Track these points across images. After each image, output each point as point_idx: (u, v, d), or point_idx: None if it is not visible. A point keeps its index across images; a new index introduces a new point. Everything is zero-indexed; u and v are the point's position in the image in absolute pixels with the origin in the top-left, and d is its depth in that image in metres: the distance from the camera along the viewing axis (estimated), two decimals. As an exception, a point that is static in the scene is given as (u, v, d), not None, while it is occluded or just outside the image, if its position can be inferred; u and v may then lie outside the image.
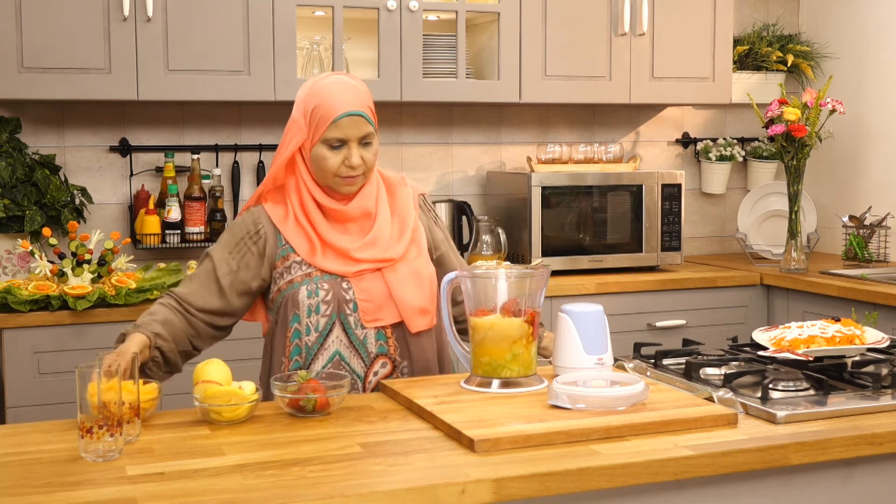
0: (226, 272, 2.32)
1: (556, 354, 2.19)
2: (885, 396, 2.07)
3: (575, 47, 4.10)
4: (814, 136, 4.07)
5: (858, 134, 4.58)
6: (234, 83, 3.67)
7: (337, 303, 2.31)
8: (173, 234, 3.83)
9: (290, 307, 2.32)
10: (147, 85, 3.58)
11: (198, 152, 3.91)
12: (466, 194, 4.35)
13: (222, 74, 3.66)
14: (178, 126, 3.99)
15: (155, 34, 3.57)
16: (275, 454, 1.75)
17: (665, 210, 4.14)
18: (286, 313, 2.33)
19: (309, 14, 3.94)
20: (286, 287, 2.33)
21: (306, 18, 3.95)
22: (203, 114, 4.01)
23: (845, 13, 4.66)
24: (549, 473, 1.66)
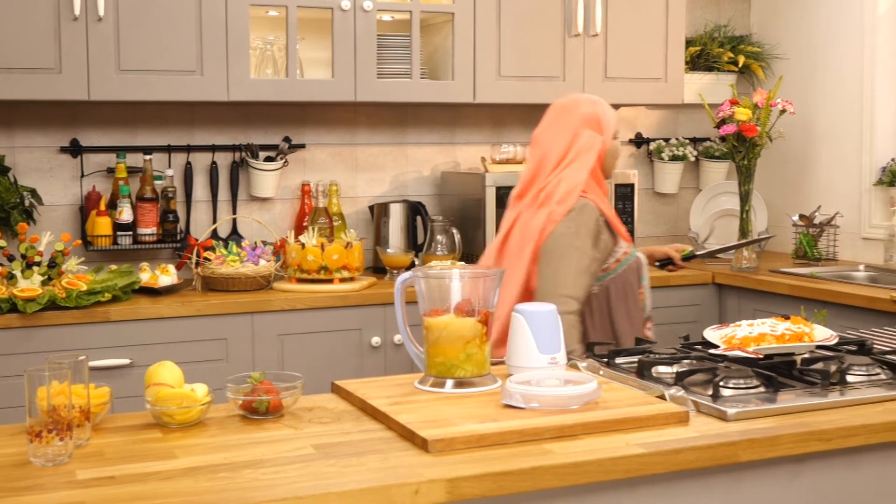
0: (592, 260, 2.77)
1: (508, 354, 2.19)
2: (833, 393, 2.10)
3: (529, 48, 4.11)
4: (764, 136, 4.11)
5: (808, 134, 4.64)
6: (186, 83, 3.65)
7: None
8: (125, 236, 3.80)
9: (636, 271, 2.85)
10: (98, 85, 3.54)
11: (150, 153, 3.88)
12: (421, 194, 4.35)
13: (175, 74, 3.63)
14: (130, 126, 3.96)
15: (106, 34, 3.53)
16: (227, 457, 1.74)
17: (619, 209, 4.16)
18: (629, 277, 2.83)
19: (262, 14, 3.92)
20: (624, 258, 2.84)
21: (260, 18, 3.93)
22: (155, 114, 3.98)
23: (795, 15, 4.72)
24: (502, 473, 1.66)
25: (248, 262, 3.66)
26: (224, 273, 3.62)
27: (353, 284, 3.72)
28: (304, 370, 2.64)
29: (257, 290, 3.66)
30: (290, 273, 3.74)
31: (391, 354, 3.68)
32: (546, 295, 2.69)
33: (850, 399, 2.07)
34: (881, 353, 2.38)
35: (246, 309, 3.52)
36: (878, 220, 4.36)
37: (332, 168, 4.23)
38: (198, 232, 4.00)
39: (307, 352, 3.57)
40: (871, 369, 2.22)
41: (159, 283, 3.58)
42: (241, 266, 3.64)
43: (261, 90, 3.77)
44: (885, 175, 4.30)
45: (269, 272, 3.69)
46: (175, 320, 3.43)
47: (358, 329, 3.65)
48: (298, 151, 4.17)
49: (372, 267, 4.17)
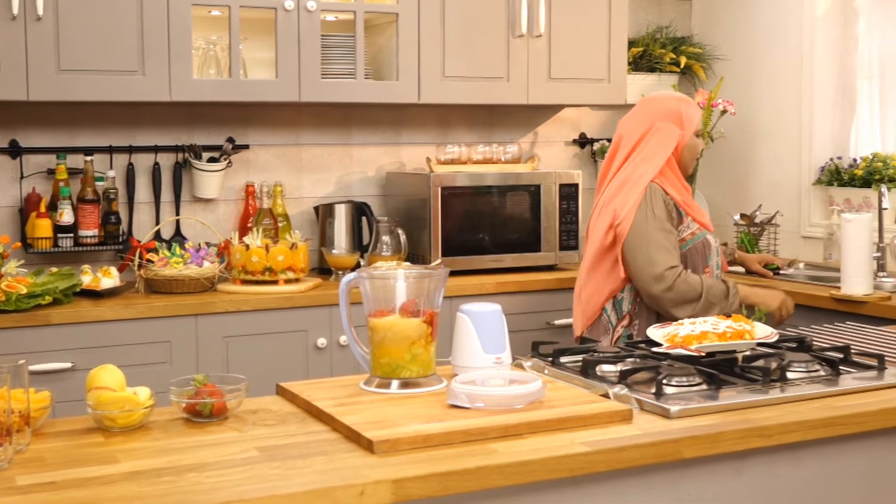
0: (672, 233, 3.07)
1: (454, 354, 2.20)
2: (774, 390, 2.13)
3: (473, 48, 4.12)
4: (706, 136, 4.16)
5: (749, 134, 4.70)
6: (128, 83, 3.61)
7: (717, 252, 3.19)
8: (66, 238, 3.75)
9: (706, 249, 3.12)
10: (37, 85, 3.49)
11: (91, 154, 3.84)
12: (366, 195, 4.35)
13: (116, 74, 3.59)
14: (71, 127, 3.91)
15: (45, 33, 3.49)
16: (170, 460, 1.73)
17: (563, 210, 4.19)
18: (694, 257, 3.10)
19: (205, 13, 3.89)
20: (690, 238, 3.10)
21: (202, 18, 3.90)
22: (96, 114, 3.93)
23: (735, 16, 4.78)
24: (447, 473, 1.67)
25: (191, 264, 3.63)
26: (167, 275, 3.59)
27: (299, 286, 3.70)
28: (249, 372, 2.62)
29: (201, 292, 3.63)
30: (234, 275, 3.72)
31: (337, 356, 3.67)
32: (647, 277, 3.01)
33: (790, 395, 2.10)
34: (820, 349, 2.41)
35: (190, 311, 3.49)
36: (817, 218, 4.43)
37: (276, 169, 4.21)
38: (140, 234, 3.96)
39: (252, 354, 3.55)
40: (811, 366, 2.26)
41: (101, 286, 3.54)
42: (185, 268, 3.61)
43: (204, 90, 3.74)
44: (824, 175, 4.37)
45: (214, 274, 3.67)
46: (117, 323, 3.39)
47: (303, 330, 3.64)
48: (242, 152, 4.14)
49: (317, 268, 4.15)
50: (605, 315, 3.16)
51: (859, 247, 3.39)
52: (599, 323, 3.17)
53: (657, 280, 2.99)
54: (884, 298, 3.39)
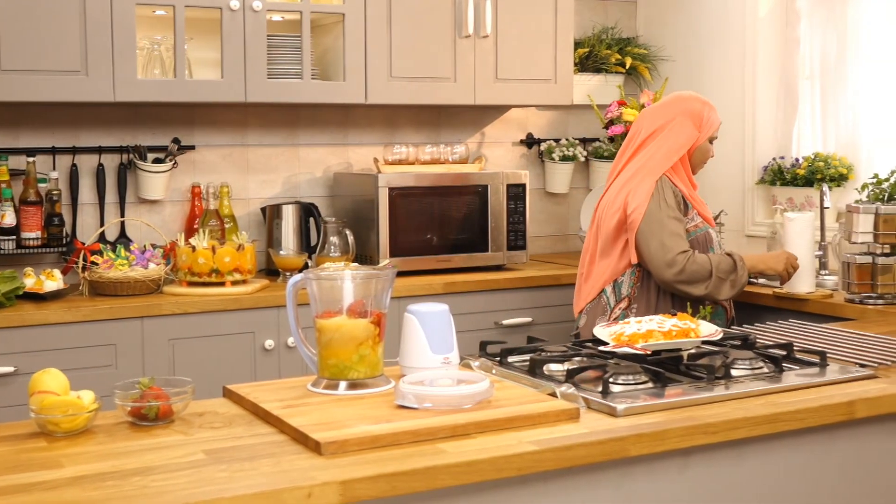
0: (682, 221, 3.18)
1: (402, 354, 2.20)
2: (718, 387, 2.16)
3: (420, 49, 4.13)
4: (651, 136, 4.18)
5: (694, 134, 4.74)
6: (71, 83, 3.57)
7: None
8: (8, 240, 3.70)
9: (707, 242, 3.22)
10: (-22, 85, 3.44)
11: (33, 155, 3.78)
12: (313, 196, 4.33)
13: (58, 74, 3.55)
14: (13, 128, 3.85)
15: (-15, 33, 3.44)
16: (115, 464, 1.71)
17: (510, 210, 4.20)
18: (704, 247, 3.20)
19: (149, 13, 3.86)
20: (693, 230, 3.21)
21: (146, 17, 3.87)
22: (39, 115, 3.88)
23: (680, 18, 4.82)
24: (395, 473, 1.67)
25: (137, 266, 3.59)
26: (112, 277, 3.55)
27: (246, 287, 3.68)
28: (196, 375, 2.61)
29: (147, 295, 3.59)
30: (180, 276, 3.68)
31: (285, 357, 3.65)
32: (661, 262, 3.10)
33: (734, 393, 2.13)
34: (764, 347, 2.45)
35: (135, 314, 3.45)
36: (760, 217, 4.49)
37: (222, 169, 4.18)
38: (84, 236, 3.91)
39: (199, 356, 3.53)
40: (754, 363, 2.29)
41: (45, 289, 3.49)
42: (130, 270, 3.57)
43: (148, 91, 3.71)
44: (767, 174, 4.42)
45: (159, 276, 3.63)
46: (61, 326, 3.35)
47: (251, 332, 3.62)
48: (188, 153, 4.11)
49: (265, 269, 4.13)
50: (605, 296, 3.25)
51: (802, 245, 3.43)
52: (599, 303, 3.27)
53: (669, 265, 3.09)
54: (826, 296, 3.44)
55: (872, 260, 3.29)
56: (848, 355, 2.48)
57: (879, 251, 3.32)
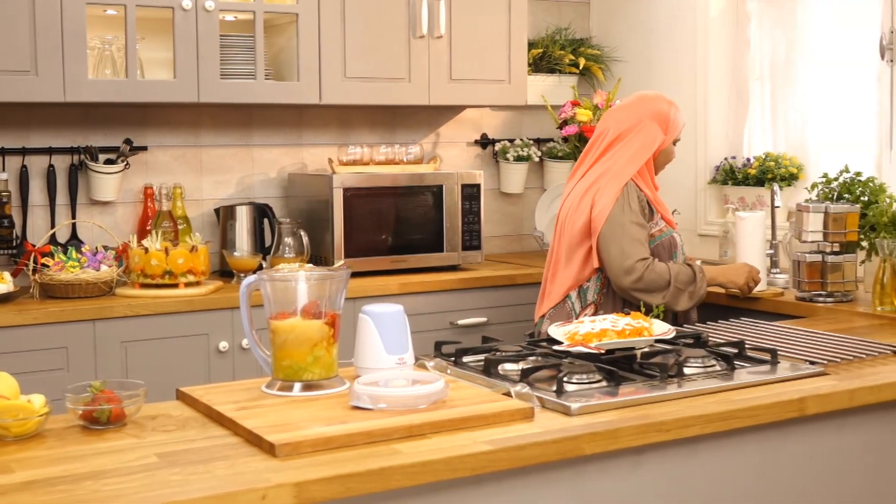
0: (645, 227, 3.17)
1: (357, 355, 2.20)
2: (671, 385, 2.17)
3: (374, 49, 4.12)
4: (605, 136, 4.21)
5: (647, 134, 4.77)
6: (20, 84, 3.52)
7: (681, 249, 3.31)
8: (-43, 243, 3.65)
9: (672, 247, 3.23)
10: (-76, 85, 3.39)
11: (-18, 156, 3.74)
12: (268, 197, 4.31)
13: (7, 75, 3.50)
14: (-40, 129, 3.80)
15: (-68, 32, 3.39)
16: (66, 469, 1.69)
17: (465, 210, 4.21)
18: (661, 253, 3.20)
19: (100, 13, 3.82)
20: (658, 234, 3.21)
21: (97, 17, 3.83)
22: (-13, 116, 3.84)
23: (632, 19, 4.86)
24: (350, 475, 1.67)
25: (88, 268, 3.56)
26: (63, 279, 3.51)
27: (199, 289, 3.66)
28: (149, 378, 2.59)
29: (99, 297, 3.56)
30: (133, 278, 3.65)
31: (239, 359, 3.63)
32: (618, 269, 3.10)
33: (687, 391, 2.15)
34: (716, 345, 2.47)
35: (87, 316, 3.42)
36: (712, 217, 4.53)
37: (175, 170, 4.15)
38: (35, 237, 3.86)
39: (152, 359, 3.50)
40: (707, 361, 2.31)
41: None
42: (82, 272, 3.53)
43: (100, 91, 3.67)
44: (719, 174, 4.47)
45: (112, 278, 3.60)
46: (11, 329, 3.31)
47: (205, 334, 3.59)
48: (140, 153, 4.07)
49: (219, 271, 4.10)
50: (570, 302, 3.24)
51: (754, 244, 3.47)
52: (563, 308, 3.25)
53: (627, 272, 3.09)
54: (777, 294, 3.48)
55: (822, 258, 3.34)
56: (798, 353, 2.51)
57: (829, 250, 3.37)
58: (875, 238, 3.30)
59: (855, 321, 3.06)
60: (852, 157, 3.87)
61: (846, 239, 3.35)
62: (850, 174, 3.53)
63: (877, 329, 2.93)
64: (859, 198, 3.47)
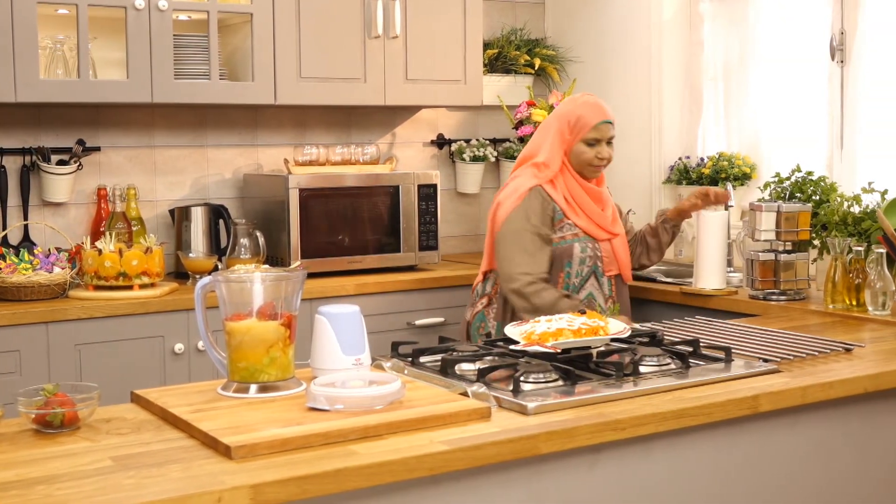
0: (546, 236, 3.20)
1: (313, 356, 2.19)
2: (627, 384, 2.19)
3: (329, 49, 4.11)
4: (561, 136, 4.23)
5: (602, 134, 4.80)
6: (-31, 84, 3.48)
7: (593, 257, 3.22)
8: None
9: (565, 257, 3.19)
10: None
11: (-69, 157, 3.68)
12: (223, 197, 4.29)
13: (-44, 75, 3.46)
14: None
15: None
16: (19, 473, 1.67)
17: (422, 210, 4.21)
18: (560, 261, 3.19)
19: (51, 12, 3.77)
20: (559, 241, 3.19)
21: (48, 16, 3.78)
22: (-64, 116, 3.78)
23: (587, 19, 4.88)
24: (306, 476, 1.66)
25: (41, 270, 3.51)
26: (15, 282, 3.47)
27: (154, 290, 3.63)
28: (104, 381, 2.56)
29: (52, 299, 3.52)
30: (86, 280, 3.62)
31: (196, 361, 3.61)
32: (503, 273, 3.19)
33: (642, 389, 2.16)
34: (671, 343, 2.49)
35: (40, 319, 3.38)
36: (668, 216, 4.55)
37: (129, 171, 4.12)
38: (-14, 239, 3.82)
39: (107, 361, 3.46)
40: (662, 359, 2.33)
41: (-56, 295, 3.40)
42: (34, 274, 3.49)
43: (51, 91, 3.63)
44: (673, 174, 4.50)
45: (65, 280, 3.56)
46: (-38, 333, 3.27)
47: (160, 336, 3.56)
48: (93, 154, 4.03)
49: (174, 272, 4.07)
50: (477, 290, 3.39)
51: (715, 242, 3.49)
52: (472, 296, 3.45)
53: (508, 279, 3.18)
54: (731, 293, 3.51)
55: (775, 257, 3.37)
56: (752, 351, 2.54)
57: (781, 248, 3.41)
58: (826, 237, 3.34)
59: (807, 319, 3.10)
60: (804, 156, 3.93)
61: (798, 238, 3.40)
62: (801, 174, 3.58)
63: (829, 327, 2.96)
64: (811, 197, 3.52)
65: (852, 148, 3.89)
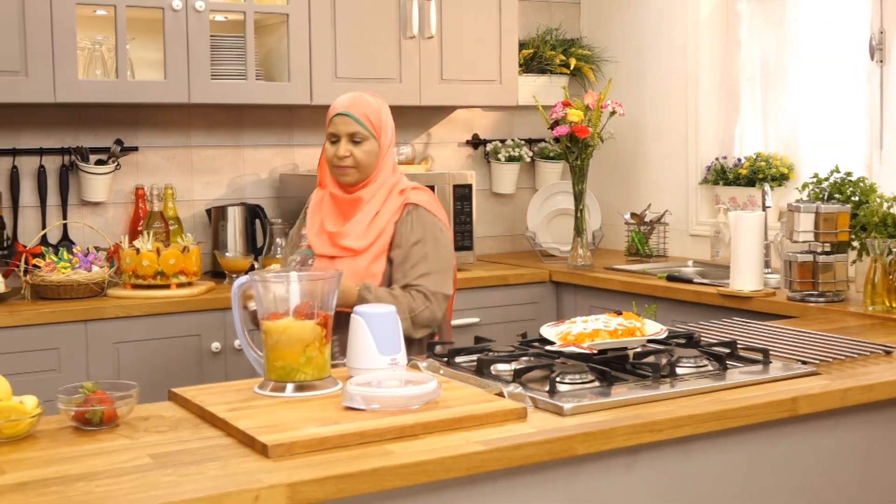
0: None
1: (349, 356, 2.19)
2: (664, 385, 2.17)
3: (365, 49, 4.12)
4: (596, 136, 4.22)
5: (637, 134, 4.78)
6: (10, 84, 3.51)
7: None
8: (-53, 244, 3.64)
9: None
10: (-86, 86, 3.38)
11: (-28, 157, 3.72)
12: (259, 197, 4.31)
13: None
14: (-50, 129, 3.79)
15: (-78, 32, 3.37)
16: (59, 470, 1.69)
17: (457, 210, 4.21)
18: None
19: (90, 13, 3.81)
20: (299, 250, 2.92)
21: (87, 17, 3.82)
22: (-23, 116, 3.82)
23: (623, 19, 4.86)
24: (343, 475, 1.66)
25: (80, 269, 3.55)
26: (55, 280, 3.50)
27: (191, 289, 3.65)
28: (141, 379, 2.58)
29: (90, 298, 3.55)
30: (124, 279, 3.65)
31: (232, 360, 3.63)
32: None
33: (679, 391, 2.15)
34: (708, 345, 2.47)
35: (79, 317, 3.41)
36: (704, 217, 4.53)
37: (166, 171, 4.15)
38: (26, 238, 3.85)
39: (144, 360, 3.49)
40: (699, 361, 2.31)
41: (-15, 293, 3.44)
42: (73, 273, 3.52)
43: (90, 91, 3.66)
44: (710, 174, 4.47)
45: (103, 279, 3.59)
46: (3, 330, 3.30)
47: (197, 335, 3.59)
48: (131, 154, 4.06)
49: (210, 271, 4.10)
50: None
51: (751, 243, 3.46)
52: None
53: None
54: (768, 294, 3.48)
55: (813, 258, 3.34)
56: (790, 353, 2.52)
57: (820, 249, 3.37)
58: (866, 238, 3.31)
59: (846, 321, 3.07)
60: (843, 156, 3.89)
61: (837, 239, 3.36)
62: (840, 174, 3.54)
63: (868, 329, 2.93)
64: (850, 198, 3.48)
65: (892, 148, 3.84)
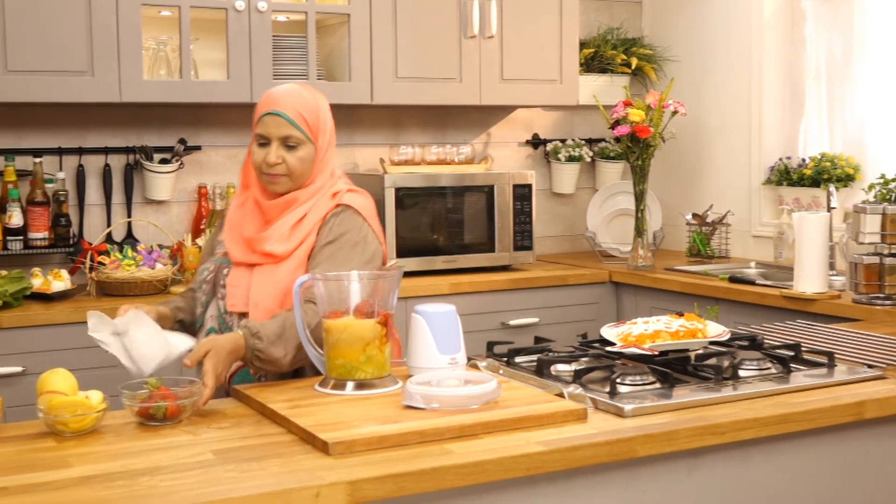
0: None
1: (409, 355, 2.20)
2: (726, 388, 2.15)
3: (425, 49, 4.12)
4: (657, 136, 4.19)
5: (699, 134, 4.74)
6: (77, 84, 3.57)
7: (213, 285, 2.48)
8: (15, 241, 3.70)
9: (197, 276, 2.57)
10: (-16, 86, 3.45)
11: (40, 155, 3.78)
12: (320, 196, 4.32)
13: (65, 75, 3.55)
14: (19, 128, 3.85)
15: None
16: (124, 464, 1.71)
17: (517, 210, 4.20)
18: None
19: (155, 14, 3.86)
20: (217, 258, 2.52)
21: (152, 18, 3.87)
22: (45, 116, 3.88)
23: (685, 18, 4.82)
24: (403, 474, 1.67)
25: (144, 266, 3.60)
26: (119, 277, 3.55)
27: (252, 287, 3.67)
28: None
29: (154, 295, 3.59)
30: (187, 277, 3.69)
31: (291, 357, 3.64)
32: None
33: (742, 393, 2.12)
34: (771, 347, 2.44)
35: (142, 314, 3.45)
36: (767, 218, 4.48)
37: (228, 170, 4.18)
38: (91, 236, 3.91)
39: (205, 356, 3.52)
40: (762, 364, 2.28)
41: (52, 289, 3.49)
42: (137, 270, 3.57)
43: (154, 91, 3.71)
44: (773, 174, 4.42)
45: (166, 276, 3.64)
46: (69, 326, 3.35)
47: (257, 332, 3.61)
48: (194, 153, 4.11)
49: (271, 270, 4.12)
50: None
51: (816, 245, 3.41)
52: None
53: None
54: (833, 297, 3.43)
55: (880, 260, 3.28)
56: (856, 356, 2.48)
57: (887, 251, 3.31)
58: (934, 240, 3.24)
59: (913, 324, 3.02)
60: (910, 157, 3.82)
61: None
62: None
63: (936, 332, 2.88)
64: (918, 199, 3.42)
65: (961, 149, 3.77)
